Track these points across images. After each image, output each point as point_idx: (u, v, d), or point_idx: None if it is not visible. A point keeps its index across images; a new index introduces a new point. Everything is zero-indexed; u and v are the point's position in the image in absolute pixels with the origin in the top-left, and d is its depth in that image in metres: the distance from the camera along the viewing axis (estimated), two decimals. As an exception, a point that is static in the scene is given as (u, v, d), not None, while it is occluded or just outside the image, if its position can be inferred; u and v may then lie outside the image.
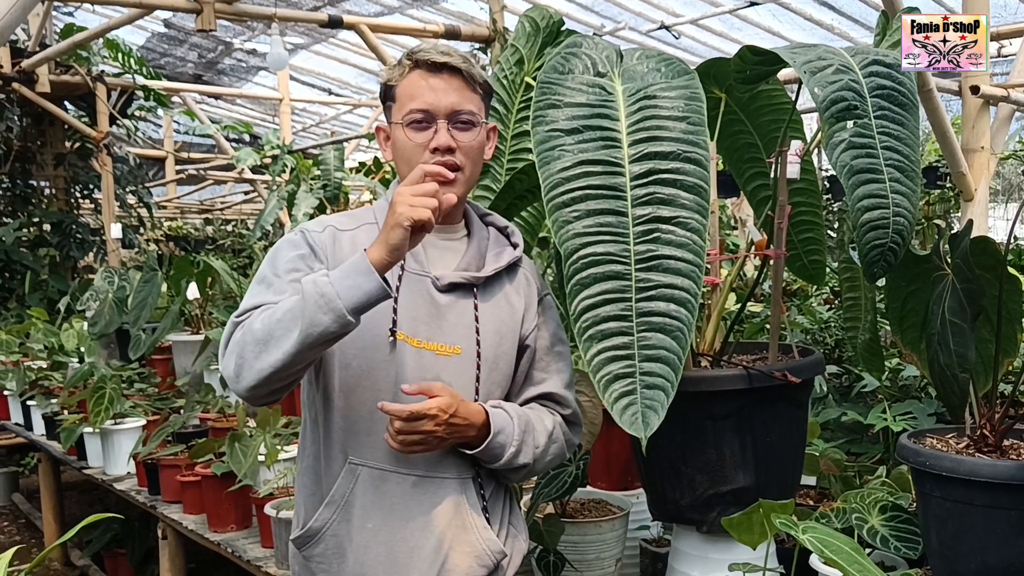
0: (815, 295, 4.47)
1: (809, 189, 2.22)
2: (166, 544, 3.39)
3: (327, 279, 1.45)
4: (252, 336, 1.49)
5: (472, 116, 1.64)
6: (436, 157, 1.61)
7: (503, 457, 1.63)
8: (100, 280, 5.26)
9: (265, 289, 1.59)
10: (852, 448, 3.03)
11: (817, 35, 7.93)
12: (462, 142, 1.63)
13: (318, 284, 1.44)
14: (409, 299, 1.62)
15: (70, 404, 4.42)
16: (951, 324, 1.71)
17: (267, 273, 1.62)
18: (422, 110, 1.61)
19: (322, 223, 1.69)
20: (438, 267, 1.67)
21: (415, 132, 1.62)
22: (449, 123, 1.62)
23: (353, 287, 1.44)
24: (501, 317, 1.70)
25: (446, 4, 8.18)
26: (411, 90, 1.63)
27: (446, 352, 1.63)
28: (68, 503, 5.76)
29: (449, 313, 1.65)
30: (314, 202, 5.81)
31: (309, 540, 1.65)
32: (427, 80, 1.62)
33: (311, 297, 1.43)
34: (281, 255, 1.63)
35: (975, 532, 1.61)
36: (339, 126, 13.17)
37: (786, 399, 1.89)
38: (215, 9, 5.10)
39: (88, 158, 8.57)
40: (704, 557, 1.97)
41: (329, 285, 1.43)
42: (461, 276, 1.67)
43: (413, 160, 1.62)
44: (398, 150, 1.65)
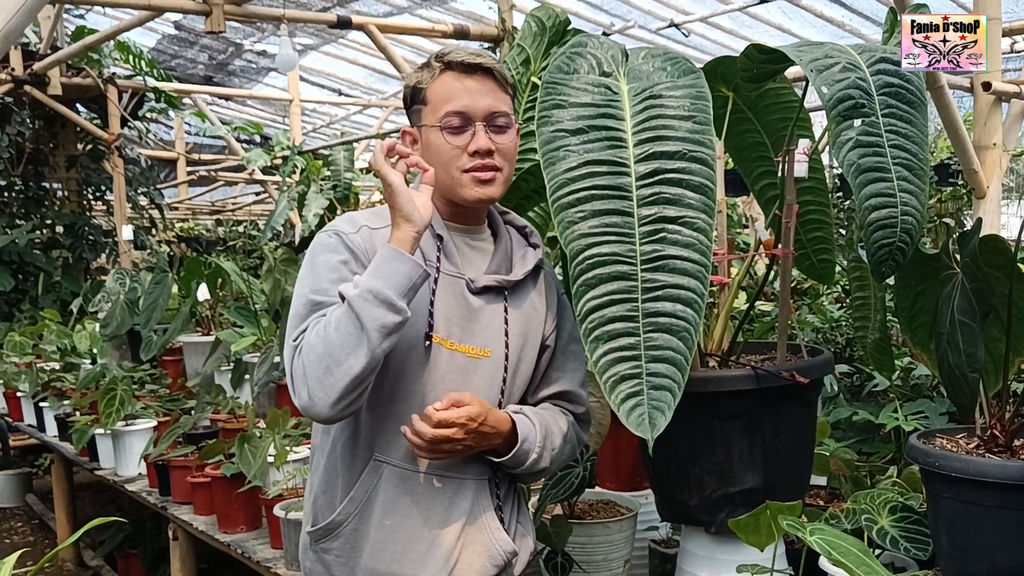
0: (826, 294, 4.45)
1: (818, 188, 2.20)
2: (177, 545, 3.40)
3: (365, 278, 1.46)
4: (315, 355, 1.46)
5: (507, 118, 1.64)
6: (475, 160, 1.60)
7: (526, 463, 1.65)
8: (112, 282, 5.29)
9: (314, 302, 1.55)
10: (864, 448, 3.01)
11: (828, 32, 7.89)
12: (500, 144, 1.62)
13: (358, 285, 1.45)
14: (444, 301, 1.62)
15: (82, 405, 4.44)
16: (960, 323, 1.69)
17: (310, 283, 1.58)
18: (459, 112, 1.60)
19: (355, 223, 1.65)
20: (470, 269, 1.68)
21: (453, 135, 1.60)
22: (487, 125, 1.61)
23: (391, 274, 1.45)
24: (527, 321, 1.71)
25: (455, 4, 8.18)
26: (445, 93, 1.61)
27: (477, 355, 1.64)
28: (81, 504, 5.79)
29: (481, 316, 1.65)
30: (324, 203, 5.82)
31: (329, 534, 1.65)
32: (461, 82, 1.61)
33: (357, 299, 1.44)
34: (320, 260, 1.59)
35: (985, 533, 1.60)
36: (349, 126, 13.19)
37: (795, 399, 1.88)
38: (224, 11, 5.12)
39: (100, 160, 8.61)
40: (713, 558, 1.97)
41: (369, 280, 1.45)
42: (494, 279, 1.67)
43: (451, 164, 1.61)
44: (434, 153, 1.62)
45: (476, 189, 1.62)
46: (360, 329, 1.43)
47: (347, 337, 1.44)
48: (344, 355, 1.44)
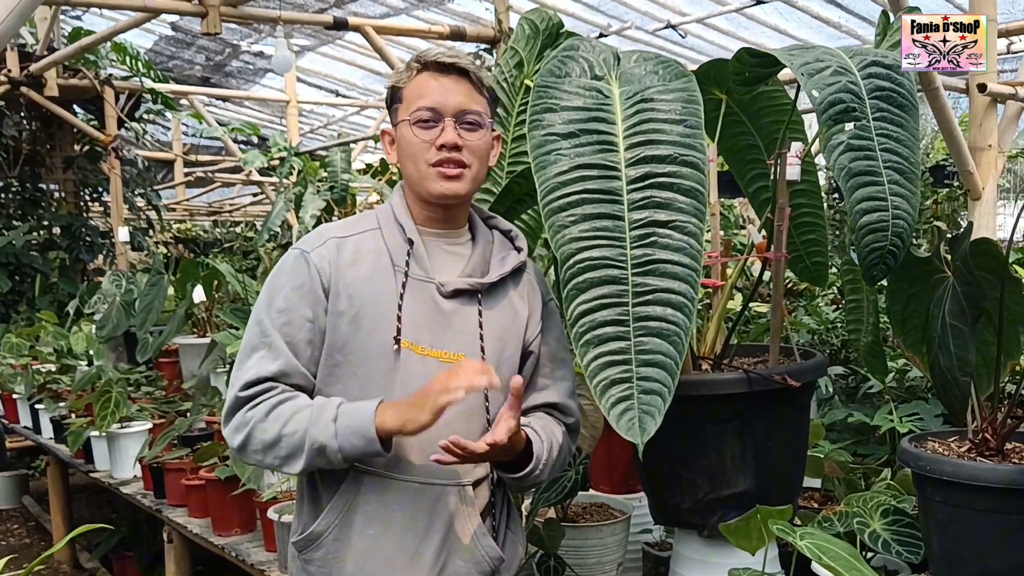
0: (822, 295, 4.45)
1: (811, 190, 2.20)
2: (172, 548, 3.40)
3: (333, 429, 1.53)
4: (262, 435, 1.58)
5: (479, 117, 1.64)
6: (442, 154, 1.61)
7: (533, 478, 1.65)
8: (108, 283, 5.29)
9: (266, 351, 1.61)
10: (859, 449, 3.01)
11: (824, 33, 7.89)
12: (468, 141, 1.63)
13: (325, 432, 1.53)
14: (414, 306, 1.62)
15: (77, 407, 4.43)
16: (951, 327, 1.69)
17: (263, 314, 1.64)
18: (430, 108, 1.61)
19: (322, 236, 1.67)
20: (442, 273, 1.67)
21: (422, 130, 1.62)
22: (456, 122, 1.62)
23: (355, 447, 1.53)
24: (505, 323, 1.69)
25: (452, 5, 8.18)
26: (419, 90, 1.63)
27: (450, 359, 1.63)
28: (77, 506, 5.79)
29: (454, 320, 1.64)
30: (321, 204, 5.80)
31: (310, 544, 1.65)
32: (436, 80, 1.63)
33: (314, 441, 1.53)
34: (279, 284, 1.65)
35: (976, 537, 1.60)
36: (347, 127, 13.19)
37: (787, 402, 1.88)
38: (220, 12, 5.11)
39: (97, 161, 8.60)
40: (706, 561, 1.97)
41: (334, 439, 1.52)
42: (466, 282, 1.66)
43: (419, 157, 1.62)
44: (404, 147, 1.65)
45: (441, 184, 1.62)
46: (304, 460, 1.55)
47: (291, 454, 1.56)
48: (281, 454, 1.57)
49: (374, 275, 1.63)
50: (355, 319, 1.61)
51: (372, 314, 1.61)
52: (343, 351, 1.61)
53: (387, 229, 1.67)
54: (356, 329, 1.61)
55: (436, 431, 1.58)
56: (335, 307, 1.60)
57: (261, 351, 1.61)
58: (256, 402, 1.59)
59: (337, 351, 1.62)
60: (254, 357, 1.61)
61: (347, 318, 1.61)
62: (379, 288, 1.62)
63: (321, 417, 1.53)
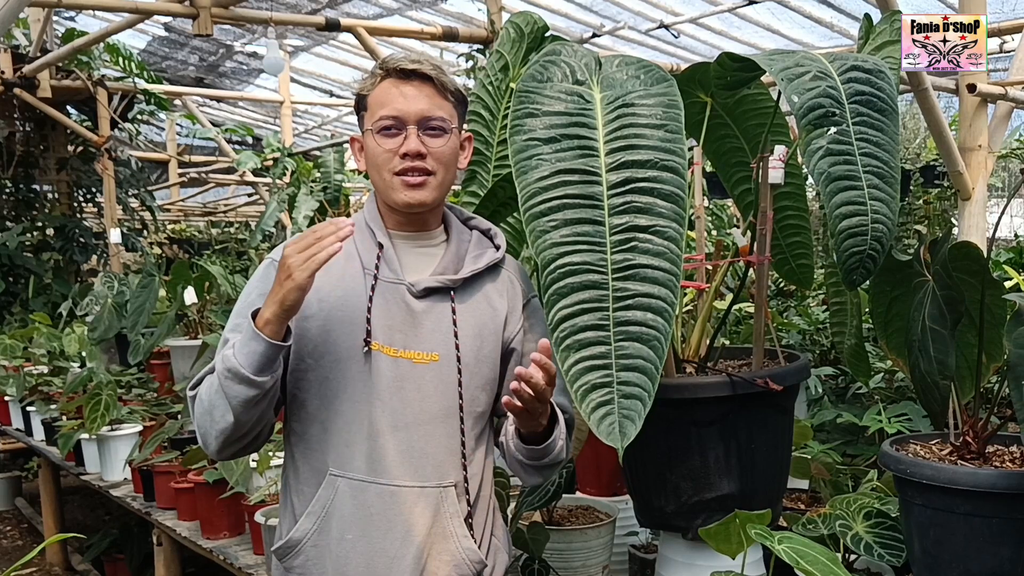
0: (813, 295, 4.46)
1: (796, 193, 2.21)
2: (161, 551, 3.40)
3: (231, 353, 1.52)
4: (201, 407, 1.59)
5: (443, 122, 1.64)
6: (406, 163, 1.61)
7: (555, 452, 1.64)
8: (100, 285, 5.29)
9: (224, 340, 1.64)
10: (848, 450, 3.02)
11: (817, 33, 7.89)
12: (432, 148, 1.63)
13: (226, 359, 1.52)
14: (384, 308, 1.62)
15: (69, 410, 4.43)
16: (931, 331, 1.70)
17: (234, 313, 1.68)
18: (392, 116, 1.62)
19: None
20: (413, 274, 1.67)
21: (385, 138, 1.62)
22: (419, 129, 1.62)
23: (250, 353, 1.51)
24: (481, 320, 1.68)
25: (444, 5, 8.17)
26: (382, 98, 1.64)
27: (423, 360, 1.63)
28: (70, 507, 5.79)
29: (426, 319, 1.64)
30: (314, 204, 5.81)
31: (290, 551, 1.65)
32: (398, 87, 1.63)
33: (222, 374, 1.53)
34: (251, 288, 1.69)
35: (957, 540, 1.60)
36: (341, 128, 13.17)
37: (771, 405, 1.88)
38: (212, 14, 5.11)
39: (91, 162, 8.58)
40: (691, 564, 1.97)
41: (233, 358, 1.51)
42: (437, 280, 1.66)
43: (384, 167, 1.63)
44: (369, 157, 1.66)
45: (405, 193, 1.63)
46: (225, 399, 1.53)
47: (219, 401, 1.54)
48: (219, 416, 1.55)
49: (343, 279, 1.64)
50: (325, 322, 1.62)
51: (341, 317, 1.62)
52: (313, 355, 1.62)
53: (359, 234, 1.68)
54: (326, 333, 1.61)
55: (411, 436, 1.59)
56: (303, 312, 1.60)
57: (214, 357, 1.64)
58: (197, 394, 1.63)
59: (308, 355, 1.62)
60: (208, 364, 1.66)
61: (317, 321, 1.62)
62: (348, 292, 1.63)
63: (222, 355, 1.55)
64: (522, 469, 1.70)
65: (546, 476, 1.74)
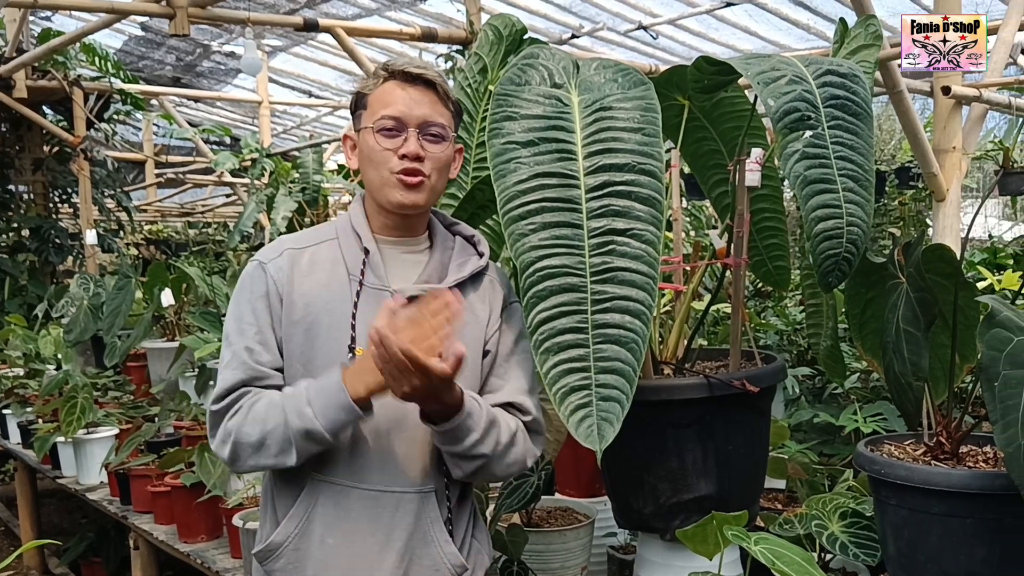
0: (789, 296, 4.49)
1: (772, 195, 2.22)
2: (138, 554, 3.38)
3: (311, 412, 1.52)
4: (247, 439, 1.58)
5: (442, 129, 1.66)
6: (404, 164, 1.62)
7: (467, 439, 1.57)
8: (76, 287, 5.24)
9: (238, 365, 1.63)
10: (825, 449, 3.04)
11: (793, 35, 7.95)
12: (431, 152, 1.64)
13: (304, 418, 1.53)
14: (368, 314, 1.61)
15: (44, 413, 4.40)
16: (905, 333, 1.71)
17: (233, 326, 1.66)
18: (394, 117, 1.62)
19: (279, 246, 1.70)
20: (398, 280, 1.67)
21: (385, 138, 1.63)
22: (420, 133, 1.63)
23: (336, 420, 1.53)
24: (464, 329, 1.67)
25: (424, 6, 8.16)
26: (384, 98, 1.64)
27: None
28: (47, 511, 5.74)
29: None
30: (293, 205, 5.77)
31: (271, 554, 1.65)
32: (403, 90, 1.64)
33: (299, 431, 1.53)
34: (242, 298, 1.67)
35: (931, 540, 1.62)
36: (320, 128, 13.12)
37: (747, 406, 1.90)
38: (188, 14, 5.07)
39: (66, 162, 8.49)
40: (669, 565, 1.98)
41: (314, 420, 1.52)
42: (420, 289, 1.66)
43: (382, 166, 1.63)
44: (366, 154, 1.66)
45: (401, 193, 1.63)
46: (293, 449, 1.55)
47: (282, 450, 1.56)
48: (273, 454, 1.57)
49: (329, 285, 1.64)
50: (310, 328, 1.62)
51: (327, 323, 1.62)
52: (300, 360, 1.63)
53: (344, 239, 1.69)
54: (312, 338, 1.62)
55: (393, 442, 1.59)
56: (290, 317, 1.62)
57: (231, 365, 1.63)
58: (233, 411, 1.60)
59: (296, 360, 1.63)
60: (226, 370, 1.64)
61: (302, 327, 1.62)
62: (333, 297, 1.63)
63: (295, 406, 1.54)
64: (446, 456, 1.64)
65: (465, 470, 1.63)
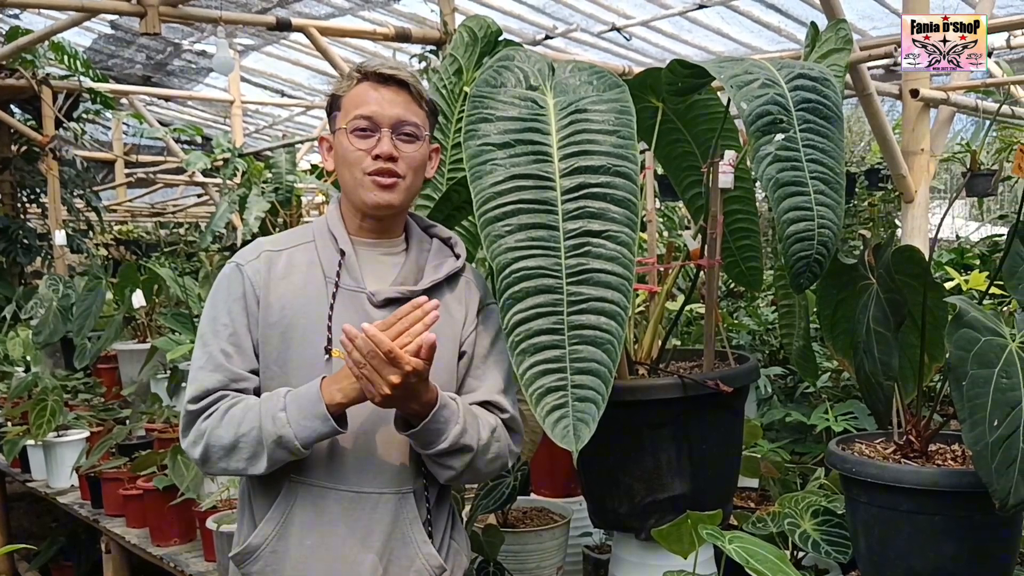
0: (762, 296, 4.52)
1: (745, 197, 2.24)
2: (110, 558, 3.35)
3: (284, 417, 1.52)
4: (219, 442, 1.57)
5: (416, 129, 1.67)
6: (378, 164, 1.63)
7: (446, 435, 1.55)
8: (45, 288, 5.18)
9: (215, 368, 1.63)
10: (796, 448, 3.08)
11: (764, 37, 8.01)
12: (405, 152, 1.65)
13: (278, 423, 1.53)
14: (344, 316, 1.62)
15: (13, 416, 4.34)
16: (875, 333, 1.74)
17: (209, 339, 1.65)
18: (367, 117, 1.63)
19: (257, 248, 1.70)
20: (374, 282, 1.67)
21: (359, 139, 1.64)
22: (393, 133, 1.64)
23: (312, 431, 1.53)
24: (440, 329, 1.67)
25: (397, 6, 8.13)
26: (358, 99, 1.65)
27: None
28: (16, 514, 5.66)
29: None
30: (266, 205, 5.74)
31: (248, 556, 1.64)
32: (376, 90, 1.65)
33: (272, 438, 1.53)
34: (219, 300, 1.67)
35: (901, 538, 1.64)
36: (292, 128, 13.04)
37: (721, 406, 1.91)
38: (160, 12, 5.03)
39: (34, 162, 8.40)
40: (644, 564, 1.99)
41: (287, 427, 1.52)
42: (396, 291, 1.66)
43: (355, 166, 1.64)
44: (340, 156, 1.67)
45: (375, 193, 1.64)
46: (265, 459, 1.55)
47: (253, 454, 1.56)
48: (245, 458, 1.57)
49: (305, 287, 1.64)
50: (286, 331, 1.62)
51: (303, 325, 1.62)
52: (278, 362, 1.63)
53: (320, 241, 1.69)
54: (288, 340, 1.62)
55: (371, 443, 1.59)
56: (266, 319, 1.62)
57: (207, 366, 1.63)
58: (208, 412, 1.60)
59: (272, 362, 1.63)
60: (202, 372, 1.63)
61: (279, 329, 1.62)
62: (310, 299, 1.63)
63: (271, 410, 1.54)
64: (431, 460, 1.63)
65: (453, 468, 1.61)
